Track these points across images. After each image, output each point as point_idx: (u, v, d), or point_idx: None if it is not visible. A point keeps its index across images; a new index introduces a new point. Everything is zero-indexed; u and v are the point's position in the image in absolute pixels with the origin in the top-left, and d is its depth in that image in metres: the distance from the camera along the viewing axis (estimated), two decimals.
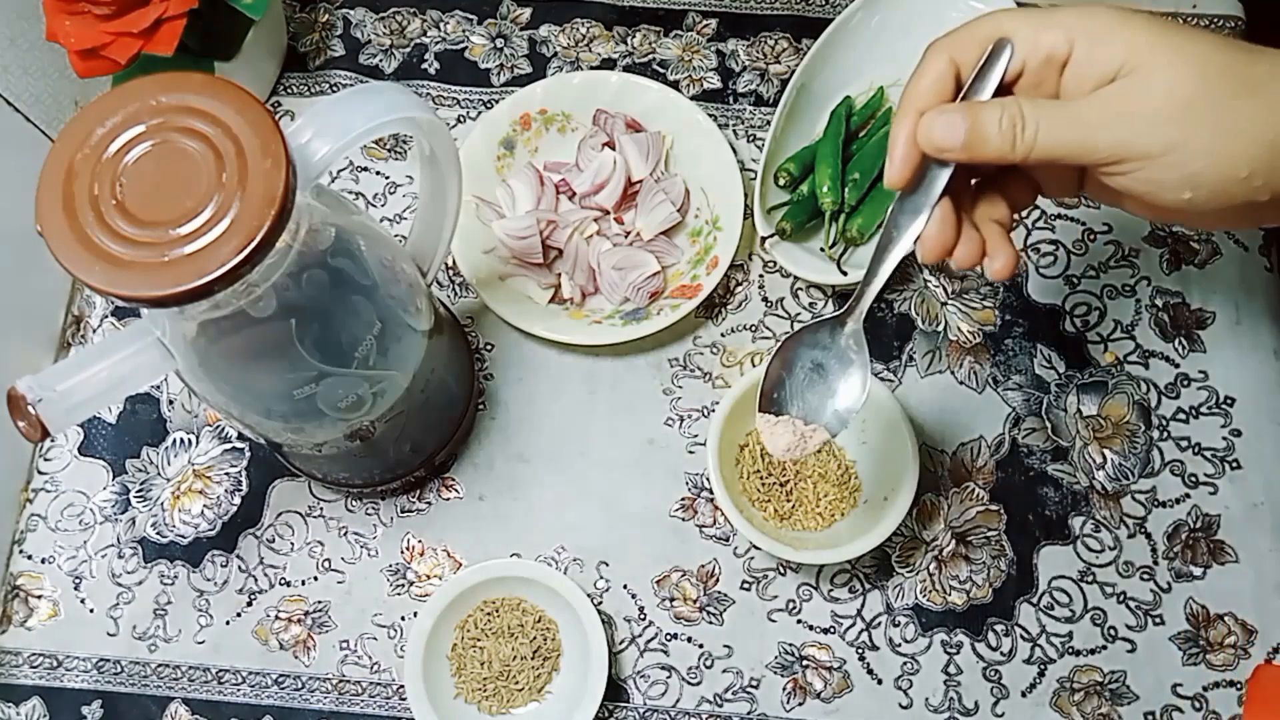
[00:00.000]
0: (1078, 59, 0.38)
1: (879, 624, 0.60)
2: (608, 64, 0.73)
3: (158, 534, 0.63)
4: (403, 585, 0.62)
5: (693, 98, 0.70)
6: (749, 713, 0.59)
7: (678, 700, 0.59)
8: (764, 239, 0.64)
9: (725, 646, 0.60)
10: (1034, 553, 0.62)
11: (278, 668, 0.60)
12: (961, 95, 0.41)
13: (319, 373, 0.46)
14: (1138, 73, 0.37)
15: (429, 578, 0.62)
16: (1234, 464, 0.63)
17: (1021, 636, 0.60)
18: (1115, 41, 0.37)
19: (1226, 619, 0.60)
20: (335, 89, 0.72)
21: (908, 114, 0.41)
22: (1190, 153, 0.36)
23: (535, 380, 0.65)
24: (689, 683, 0.60)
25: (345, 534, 0.63)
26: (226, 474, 0.64)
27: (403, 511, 0.63)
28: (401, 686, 0.59)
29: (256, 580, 0.62)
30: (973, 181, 0.44)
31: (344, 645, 0.61)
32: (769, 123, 0.68)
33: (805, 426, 0.48)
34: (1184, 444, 0.64)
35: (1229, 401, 0.64)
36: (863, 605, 0.61)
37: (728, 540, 0.62)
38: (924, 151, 0.40)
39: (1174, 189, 0.37)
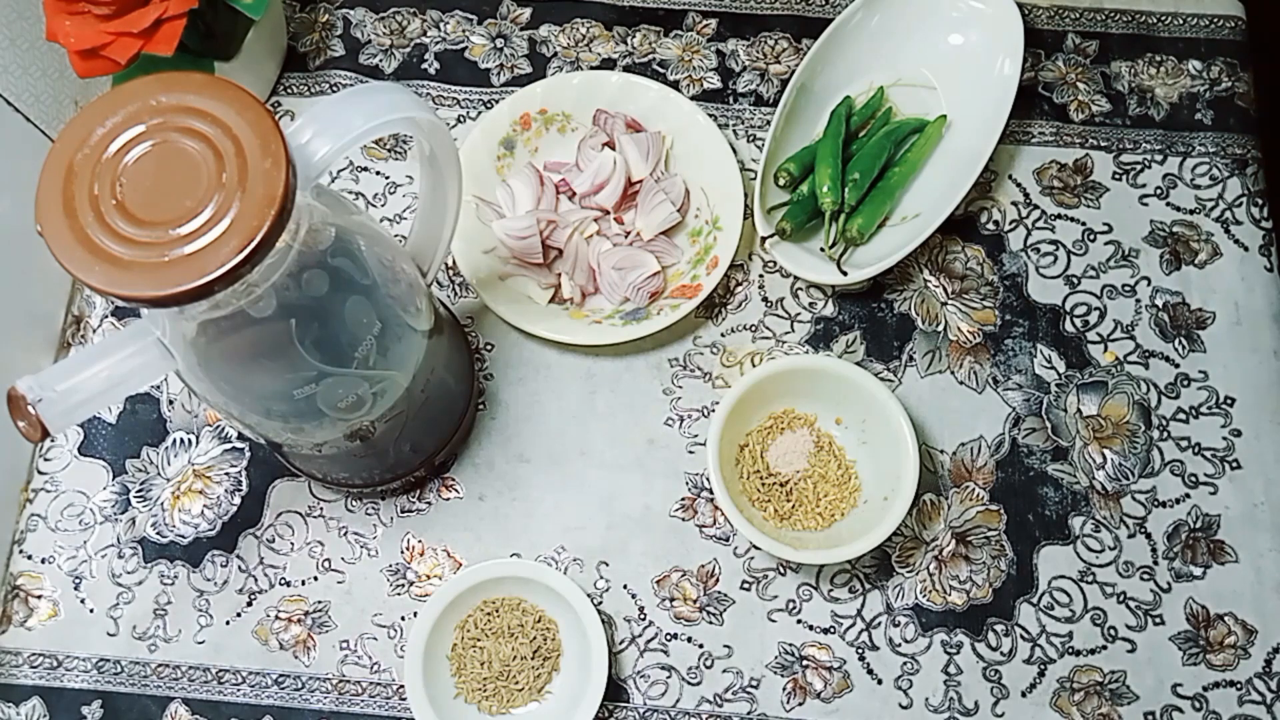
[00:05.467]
0: None
1: (879, 624, 0.60)
2: (608, 64, 0.73)
3: (158, 534, 0.63)
4: (403, 585, 0.62)
5: (693, 98, 0.70)
6: (749, 713, 0.59)
7: (678, 700, 0.59)
8: (764, 239, 0.64)
9: (725, 646, 0.60)
10: (1034, 553, 0.62)
11: (278, 668, 0.60)
12: None
13: (319, 373, 0.46)
14: None
15: (429, 578, 0.62)
16: (1234, 464, 0.63)
17: (1021, 636, 0.60)
18: None
19: (1226, 619, 0.60)
20: (335, 89, 0.72)
21: None
22: None
23: (535, 380, 0.65)
24: (689, 683, 0.60)
25: (345, 534, 0.63)
26: (226, 474, 0.64)
27: (403, 511, 0.63)
28: (401, 686, 0.59)
29: (256, 580, 0.62)
30: None
31: (344, 645, 0.61)
32: (769, 123, 0.68)
33: None
34: (1184, 444, 0.64)
35: (1229, 401, 0.64)
36: (863, 605, 0.61)
37: (728, 540, 0.62)
38: None
39: None
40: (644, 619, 0.61)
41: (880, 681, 0.60)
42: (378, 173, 0.71)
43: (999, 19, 0.67)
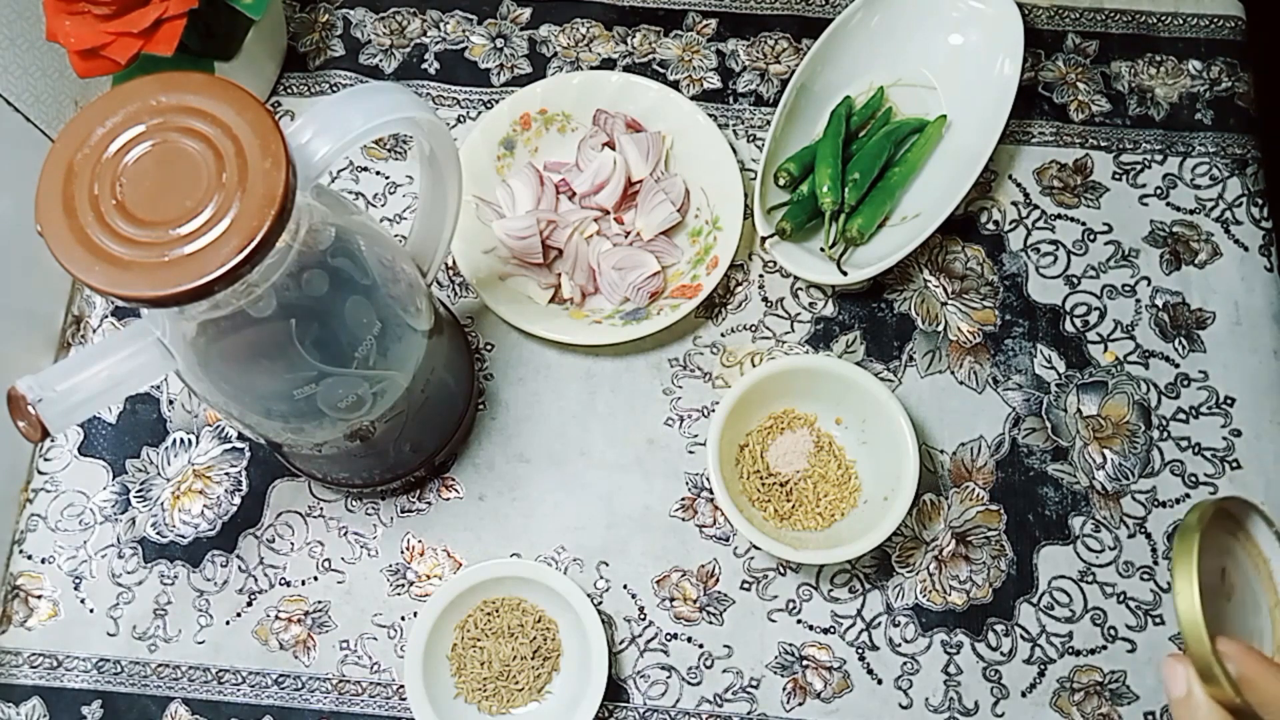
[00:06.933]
0: None
1: (879, 624, 0.60)
2: (608, 64, 0.73)
3: (158, 534, 0.63)
4: (403, 585, 0.62)
5: (693, 98, 0.70)
6: (749, 713, 0.59)
7: (678, 700, 0.59)
8: (764, 239, 0.64)
9: (725, 646, 0.60)
10: (1034, 553, 0.62)
11: (278, 668, 0.60)
12: None
13: (319, 373, 0.46)
14: None
15: (429, 578, 0.62)
16: (1234, 464, 0.63)
17: (1021, 636, 0.60)
18: None
19: None
20: (335, 89, 0.72)
21: None
22: None
23: (535, 380, 0.65)
24: (689, 683, 0.60)
25: (345, 534, 0.63)
26: (226, 474, 0.64)
27: (403, 511, 0.63)
28: (401, 686, 0.59)
29: (256, 580, 0.62)
30: None
31: (344, 645, 0.61)
32: (769, 123, 0.68)
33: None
34: (1184, 444, 0.64)
35: (1229, 401, 0.64)
36: (863, 605, 0.61)
37: (728, 540, 0.62)
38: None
39: None
40: (644, 619, 0.61)
41: (880, 681, 0.60)
42: (378, 173, 0.71)
43: (999, 19, 0.67)
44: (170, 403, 0.65)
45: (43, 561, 0.62)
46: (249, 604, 0.61)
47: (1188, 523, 0.45)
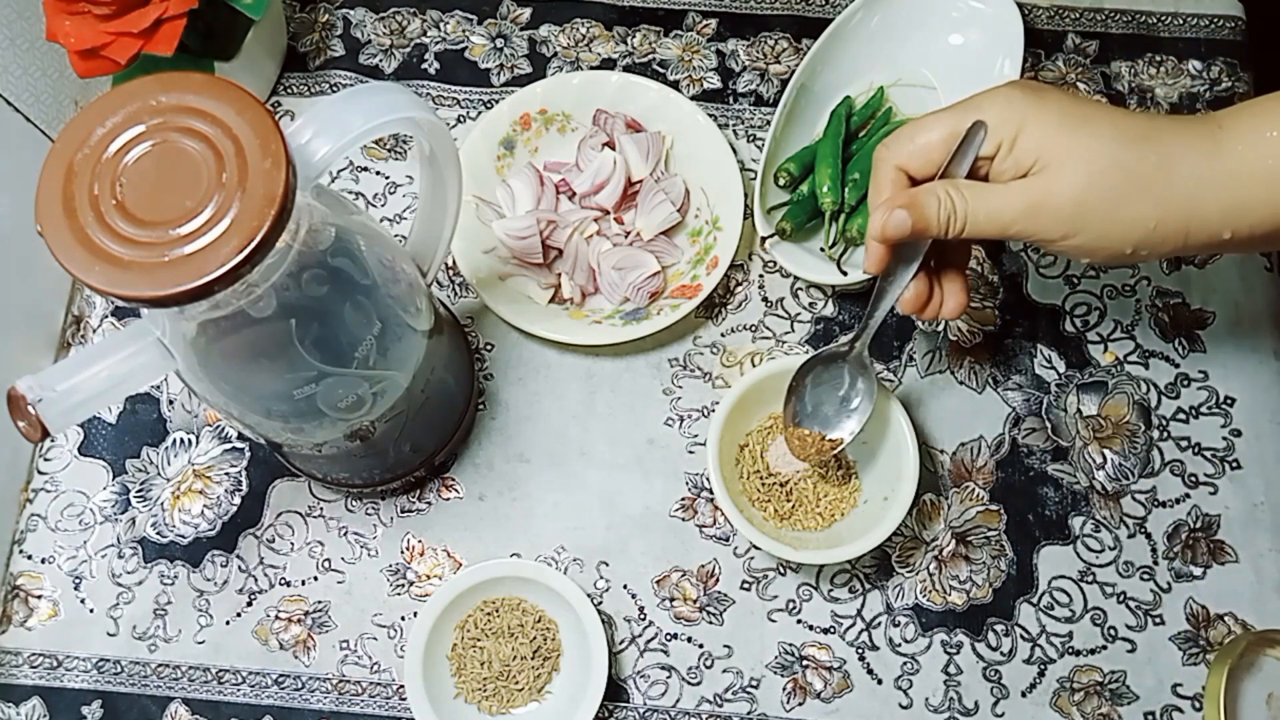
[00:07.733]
0: (1002, 152, 0.46)
1: (879, 624, 0.60)
2: (608, 64, 0.73)
3: (158, 534, 0.63)
4: (403, 585, 0.62)
5: (693, 98, 0.70)
6: (749, 713, 0.59)
7: (678, 700, 0.59)
8: (764, 239, 0.64)
9: (725, 646, 0.60)
10: (1034, 553, 0.62)
11: (278, 668, 0.60)
12: (941, 173, 0.48)
13: (319, 373, 0.46)
14: (1046, 172, 0.45)
15: (429, 578, 0.62)
16: (1234, 464, 0.63)
17: (1021, 636, 0.60)
18: (1031, 139, 0.45)
19: (1226, 619, 0.60)
20: (335, 89, 0.72)
21: (873, 215, 0.49)
22: (1084, 240, 0.46)
23: (535, 380, 0.65)
24: (689, 683, 0.60)
25: (345, 534, 0.63)
26: (226, 474, 0.64)
27: (403, 511, 0.63)
28: (401, 686, 0.59)
29: (256, 580, 0.62)
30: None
31: (344, 645, 0.61)
32: (769, 123, 0.68)
33: (823, 436, 0.58)
34: (1184, 444, 0.64)
35: (1229, 401, 0.64)
36: (863, 605, 0.61)
37: (728, 540, 0.62)
38: (886, 239, 0.48)
39: (1073, 257, 0.48)
40: (644, 619, 0.61)
41: (880, 681, 0.60)
42: (378, 173, 0.71)
43: (999, 19, 0.67)
44: (170, 403, 0.65)
45: (43, 561, 0.62)
46: (249, 604, 0.61)
47: (1223, 648, 0.58)
